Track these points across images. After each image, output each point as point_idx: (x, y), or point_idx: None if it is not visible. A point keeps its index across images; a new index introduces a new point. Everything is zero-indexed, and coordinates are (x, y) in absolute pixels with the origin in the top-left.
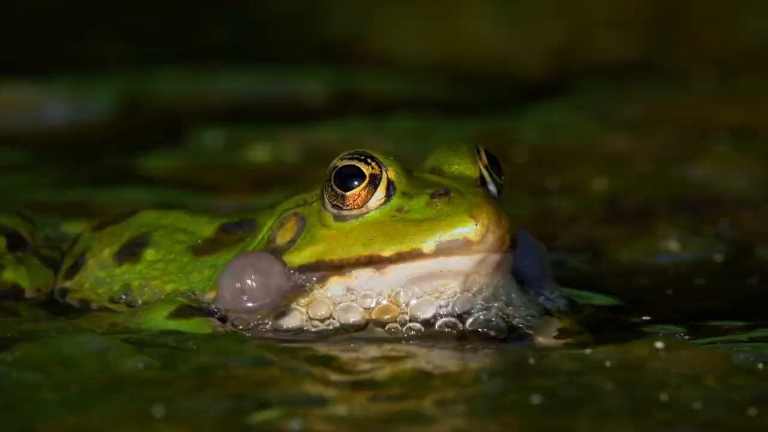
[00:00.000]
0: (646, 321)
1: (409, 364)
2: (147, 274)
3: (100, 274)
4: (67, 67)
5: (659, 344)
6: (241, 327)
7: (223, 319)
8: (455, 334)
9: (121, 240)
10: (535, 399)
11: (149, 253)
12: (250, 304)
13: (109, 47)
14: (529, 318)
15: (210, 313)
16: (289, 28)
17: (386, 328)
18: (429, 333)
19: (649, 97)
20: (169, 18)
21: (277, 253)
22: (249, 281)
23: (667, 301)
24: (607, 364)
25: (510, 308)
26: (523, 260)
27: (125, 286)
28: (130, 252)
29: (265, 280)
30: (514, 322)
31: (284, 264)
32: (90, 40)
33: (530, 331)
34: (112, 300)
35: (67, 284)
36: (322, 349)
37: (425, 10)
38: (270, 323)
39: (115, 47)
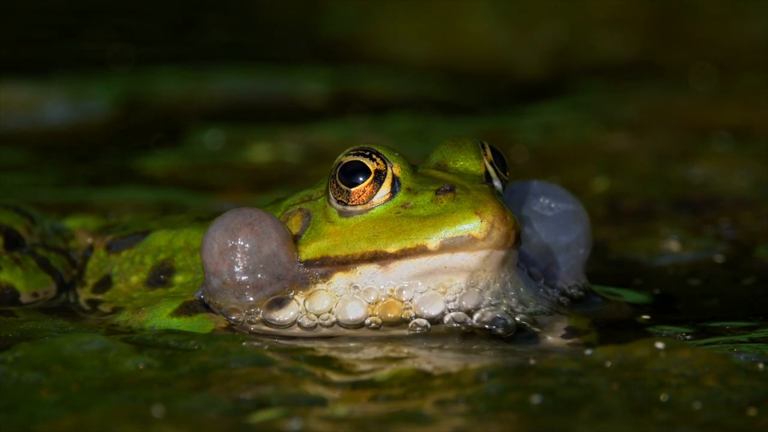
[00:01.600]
0: (646, 321)
1: (409, 364)
2: (182, 293)
3: (134, 295)
4: (67, 67)
5: (659, 344)
6: (234, 318)
7: (221, 311)
8: (460, 332)
9: (145, 268)
10: (535, 399)
11: (178, 279)
12: (236, 268)
13: (109, 47)
14: (537, 316)
15: (209, 308)
16: (289, 28)
17: (390, 324)
18: (432, 331)
19: (648, 97)
20: (169, 18)
21: (277, 219)
22: (242, 242)
23: (667, 301)
24: (607, 364)
25: (519, 305)
26: (560, 236)
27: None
28: (160, 280)
29: (260, 244)
30: (521, 320)
31: (280, 224)
32: (90, 40)
33: (537, 329)
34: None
35: (99, 297)
36: (322, 349)
37: (425, 10)
38: (262, 312)
39: (115, 47)
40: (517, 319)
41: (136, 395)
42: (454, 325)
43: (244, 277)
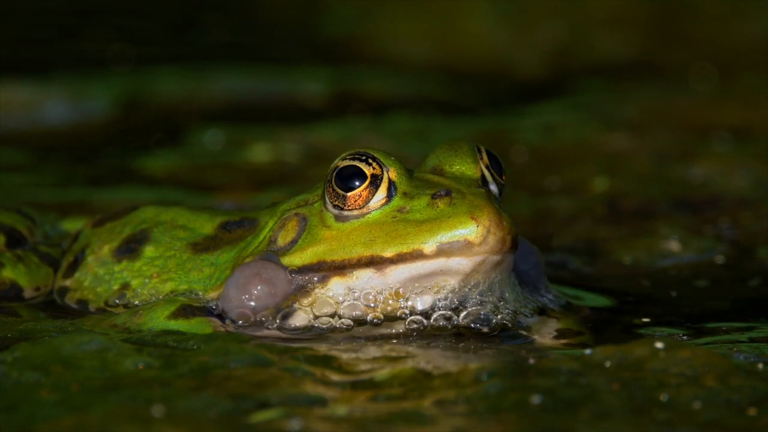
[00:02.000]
0: (646, 321)
1: (409, 364)
2: (146, 271)
3: (99, 272)
4: (67, 67)
5: (659, 344)
6: (241, 323)
7: (223, 318)
8: (451, 330)
9: (121, 236)
10: (535, 399)
11: (148, 250)
12: (256, 310)
13: (109, 47)
14: (524, 315)
15: (210, 313)
16: (289, 28)
17: (387, 322)
18: (428, 331)
19: (648, 97)
20: (169, 18)
21: (276, 256)
22: (256, 291)
23: (667, 301)
24: (607, 364)
25: (505, 305)
26: (520, 264)
27: (124, 285)
28: (129, 249)
29: (272, 288)
30: (508, 319)
31: (286, 268)
32: (90, 40)
33: (526, 331)
34: (108, 303)
35: (67, 283)
36: (322, 349)
37: (425, 10)
38: (277, 323)
39: (115, 47)
40: (500, 317)
41: (136, 395)
42: (441, 323)
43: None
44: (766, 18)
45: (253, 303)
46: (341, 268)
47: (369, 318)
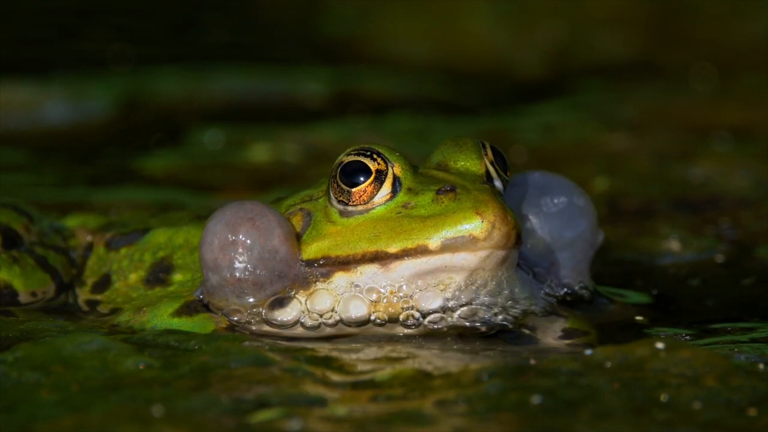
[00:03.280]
0: (646, 321)
1: (409, 364)
2: (182, 294)
3: (132, 295)
4: (67, 67)
5: (659, 344)
6: (236, 318)
7: (222, 312)
8: (455, 330)
9: (144, 265)
10: (535, 399)
11: (177, 278)
12: (236, 264)
13: (109, 47)
14: (531, 315)
15: (211, 309)
16: (289, 28)
17: (389, 320)
18: (430, 330)
19: (648, 97)
20: (169, 18)
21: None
22: (242, 236)
23: (668, 301)
24: (607, 364)
25: (511, 303)
26: (565, 230)
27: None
28: (159, 279)
29: (263, 241)
30: (515, 319)
31: (289, 229)
32: (90, 40)
33: (530, 330)
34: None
35: (97, 297)
36: (322, 349)
37: (425, 10)
38: (264, 312)
39: (115, 47)
40: (500, 318)
41: (136, 395)
42: (449, 321)
43: (244, 274)
44: (766, 18)
45: (236, 252)
46: (346, 263)
47: (372, 317)
